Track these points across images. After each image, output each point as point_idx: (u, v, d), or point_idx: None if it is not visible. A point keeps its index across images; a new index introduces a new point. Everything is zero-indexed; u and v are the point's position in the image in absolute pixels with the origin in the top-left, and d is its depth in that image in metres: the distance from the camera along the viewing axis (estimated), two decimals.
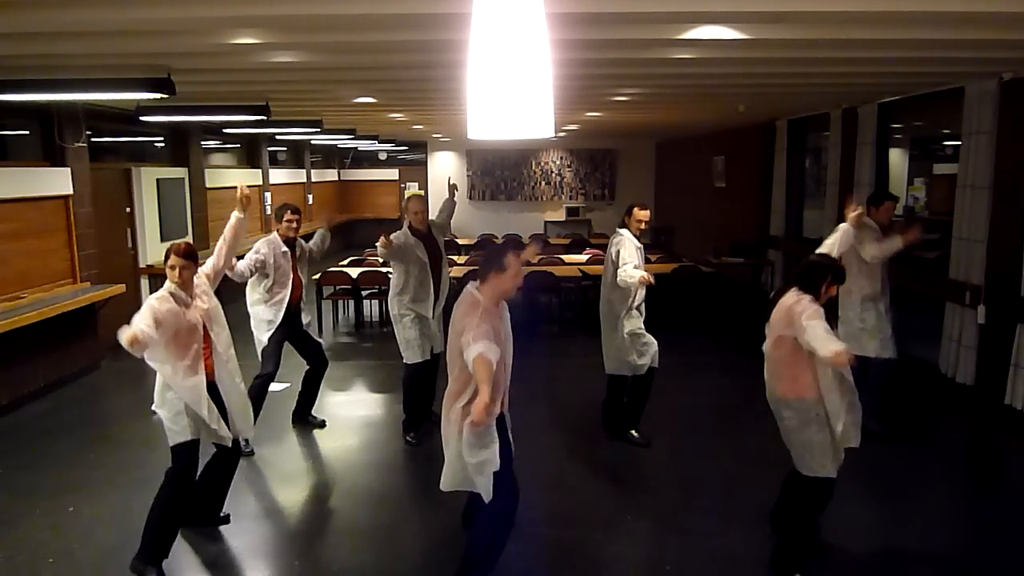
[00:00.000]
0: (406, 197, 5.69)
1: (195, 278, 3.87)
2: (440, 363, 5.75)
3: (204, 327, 3.80)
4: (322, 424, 5.77)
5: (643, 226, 5.18)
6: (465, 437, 3.30)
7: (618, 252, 5.07)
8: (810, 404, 3.53)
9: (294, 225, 5.33)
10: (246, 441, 5.21)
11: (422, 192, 17.47)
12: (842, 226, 4.25)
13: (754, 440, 5.46)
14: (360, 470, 5.09)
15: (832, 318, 3.56)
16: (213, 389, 3.83)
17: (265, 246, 5.25)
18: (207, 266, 4.11)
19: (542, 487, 4.62)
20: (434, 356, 5.55)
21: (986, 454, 5.45)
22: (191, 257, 3.78)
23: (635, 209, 5.17)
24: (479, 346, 3.07)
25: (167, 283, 3.76)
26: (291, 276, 5.31)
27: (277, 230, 5.35)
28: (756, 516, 4.25)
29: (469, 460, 3.32)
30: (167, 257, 3.77)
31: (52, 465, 5.07)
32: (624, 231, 5.18)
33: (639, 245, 5.18)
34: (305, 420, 5.78)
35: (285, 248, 5.30)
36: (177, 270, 3.71)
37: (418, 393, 5.56)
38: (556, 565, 3.89)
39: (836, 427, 3.51)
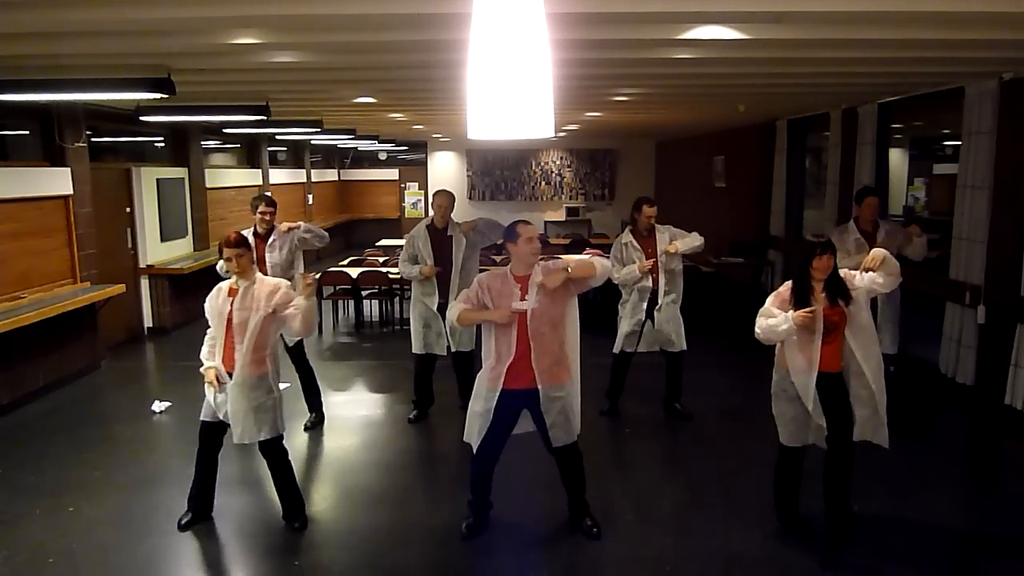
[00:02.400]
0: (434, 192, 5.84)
1: (270, 288, 3.95)
2: (442, 364, 5.81)
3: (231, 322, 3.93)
4: (306, 427, 5.75)
5: (650, 220, 5.59)
6: (475, 388, 3.94)
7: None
8: (780, 376, 3.95)
9: (267, 218, 5.48)
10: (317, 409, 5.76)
11: (431, 190, 17.48)
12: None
13: (754, 440, 5.46)
14: (360, 470, 5.09)
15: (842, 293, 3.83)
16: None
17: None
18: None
19: (542, 487, 4.62)
20: (457, 355, 5.69)
21: (986, 454, 5.45)
22: (241, 245, 3.93)
23: (643, 206, 5.62)
24: (452, 309, 3.95)
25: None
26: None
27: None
28: (756, 516, 4.25)
29: (472, 407, 3.96)
30: (220, 252, 3.99)
31: (52, 465, 5.07)
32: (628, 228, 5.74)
33: (626, 241, 5.62)
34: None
35: (251, 239, 5.40)
36: (233, 260, 3.89)
37: (421, 383, 5.88)
38: (556, 565, 3.89)
39: (807, 404, 3.82)
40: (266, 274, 5.28)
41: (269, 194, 5.80)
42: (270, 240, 5.50)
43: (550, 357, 3.81)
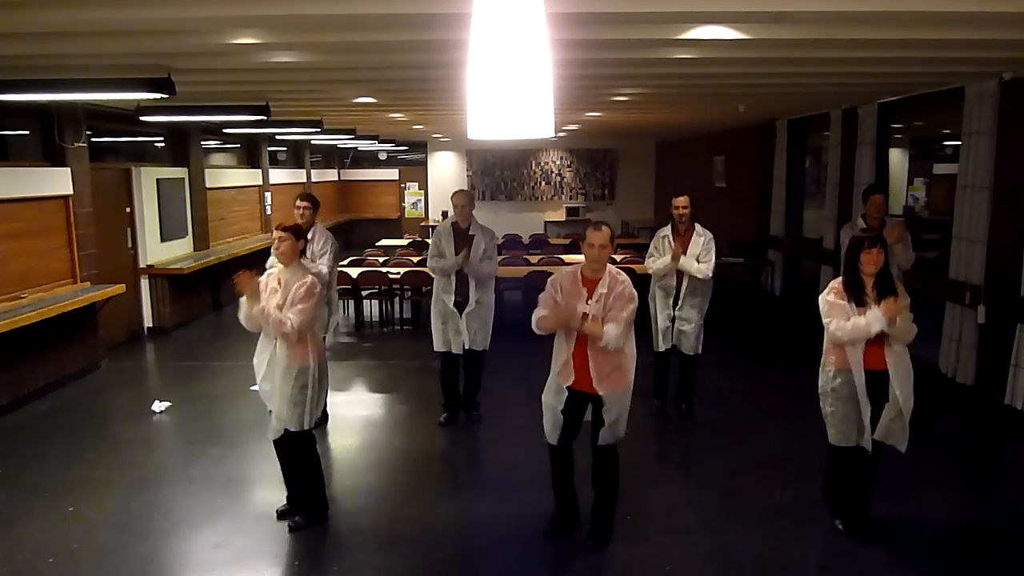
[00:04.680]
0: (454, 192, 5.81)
1: (298, 281, 3.98)
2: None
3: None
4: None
5: (677, 212, 5.61)
6: (549, 379, 3.98)
7: None
8: (829, 376, 3.91)
9: (298, 212, 5.44)
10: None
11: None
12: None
13: (754, 440, 5.46)
14: (360, 470, 5.09)
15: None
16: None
17: None
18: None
19: (543, 486, 4.63)
20: (469, 352, 5.69)
21: (986, 454, 5.45)
22: (289, 230, 4.02)
23: (672, 199, 5.68)
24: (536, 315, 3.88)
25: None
26: None
27: None
28: (756, 516, 4.25)
29: (544, 397, 3.99)
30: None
31: (52, 465, 5.07)
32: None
33: (664, 234, 5.68)
34: None
35: None
36: (276, 242, 4.00)
37: (446, 382, 5.84)
38: (556, 564, 3.89)
39: (862, 399, 3.79)
40: None
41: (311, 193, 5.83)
42: (308, 238, 5.42)
43: (608, 363, 3.76)
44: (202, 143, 10.10)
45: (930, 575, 3.79)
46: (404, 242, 12.95)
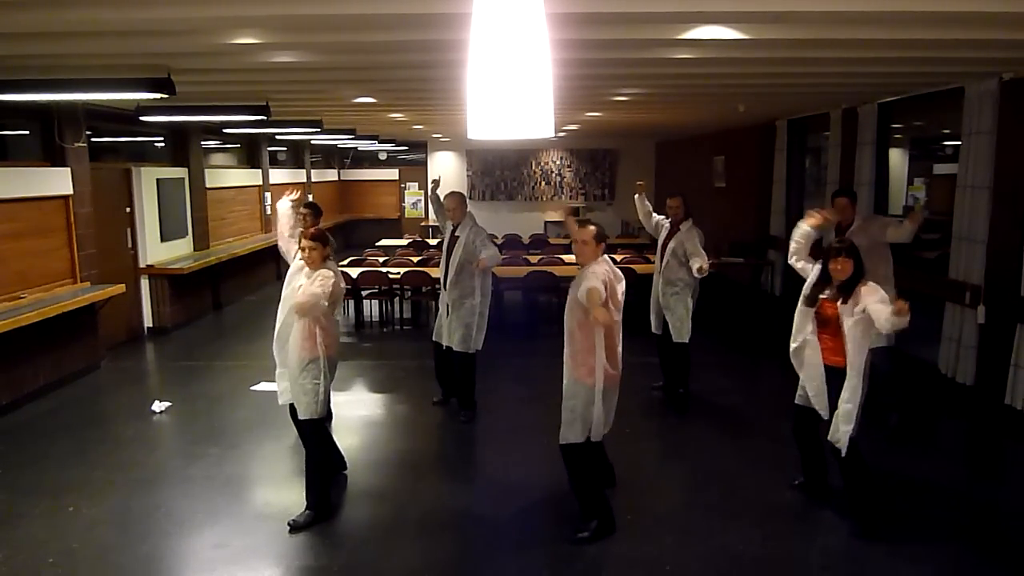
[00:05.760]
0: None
1: (327, 273, 4.15)
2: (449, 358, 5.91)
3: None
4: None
5: (671, 211, 6.04)
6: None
7: None
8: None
9: (299, 218, 5.50)
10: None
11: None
12: None
13: (754, 440, 5.46)
14: (360, 470, 5.09)
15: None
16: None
17: None
18: None
19: (542, 486, 4.63)
20: (450, 350, 5.84)
21: (986, 454, 5.45)
22: (316, 239, 4.17)
23: (667, 199, 6.12)
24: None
25: None
26: None
27: None
28: (756, 516, 4.25)
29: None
30: (299, 240, 4.34)
31: (52, 465, 5.07)
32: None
33: (666, 224, 6.14)
34: None
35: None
36: (306, 251, 4.16)
37: (436, 369, 6.18)
38: (556, 564, 3.89)
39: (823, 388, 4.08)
40: None
41: (312, 199, 5.93)
42: None
43: (570, 353, 3.89)
44: (202, 143, 10.09)
45: (931, 574, 3.79)
46: (404, 242, 12.95)
